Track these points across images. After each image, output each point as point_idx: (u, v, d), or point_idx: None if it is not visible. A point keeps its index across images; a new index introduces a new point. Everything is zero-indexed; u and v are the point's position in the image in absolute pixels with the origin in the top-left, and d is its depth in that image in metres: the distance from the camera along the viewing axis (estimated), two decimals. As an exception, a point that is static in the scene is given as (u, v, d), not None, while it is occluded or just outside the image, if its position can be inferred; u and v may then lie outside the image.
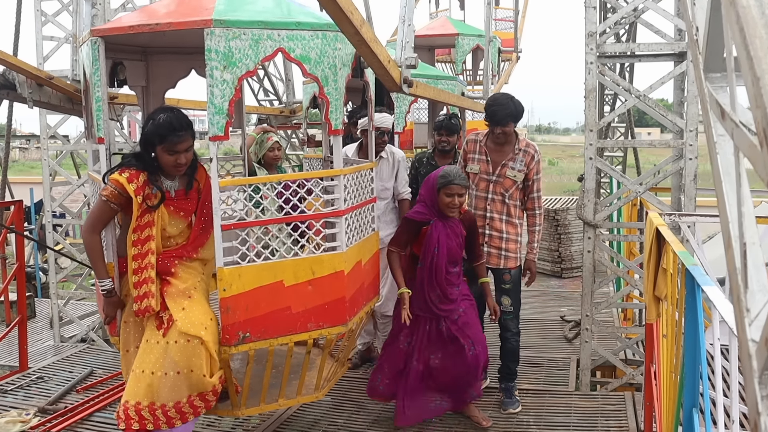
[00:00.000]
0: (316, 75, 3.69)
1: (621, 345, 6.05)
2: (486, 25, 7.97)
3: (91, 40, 3.78)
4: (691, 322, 2.92)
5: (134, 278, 3.58)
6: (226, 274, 3.56)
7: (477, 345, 4.59)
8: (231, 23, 3.43)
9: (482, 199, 4.95)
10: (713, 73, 1.41)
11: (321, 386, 4.20)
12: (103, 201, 3.60)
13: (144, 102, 4.82)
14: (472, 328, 4.64)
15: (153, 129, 3.58)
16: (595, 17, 5.57)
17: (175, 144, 3.56)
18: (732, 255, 1.08)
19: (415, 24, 4.48)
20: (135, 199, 3.52)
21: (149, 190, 3.59)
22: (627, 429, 4.78)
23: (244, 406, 3.93)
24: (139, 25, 3.66)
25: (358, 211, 4.14)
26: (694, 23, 1.46)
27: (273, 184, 3.92)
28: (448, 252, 4.49)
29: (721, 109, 1.19)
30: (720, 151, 1.23)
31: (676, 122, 5.64)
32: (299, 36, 3.62)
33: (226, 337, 3.59)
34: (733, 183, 1.17)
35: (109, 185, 3.59)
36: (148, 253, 3.58)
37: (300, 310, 3.77)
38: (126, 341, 3.75)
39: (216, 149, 3.57)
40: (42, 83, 5.32)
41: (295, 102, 9.67)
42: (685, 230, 4.82)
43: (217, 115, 3.46)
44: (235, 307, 3.58)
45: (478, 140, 5.02)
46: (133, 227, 3.57)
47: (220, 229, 3.57)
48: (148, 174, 3.59)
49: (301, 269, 3.76)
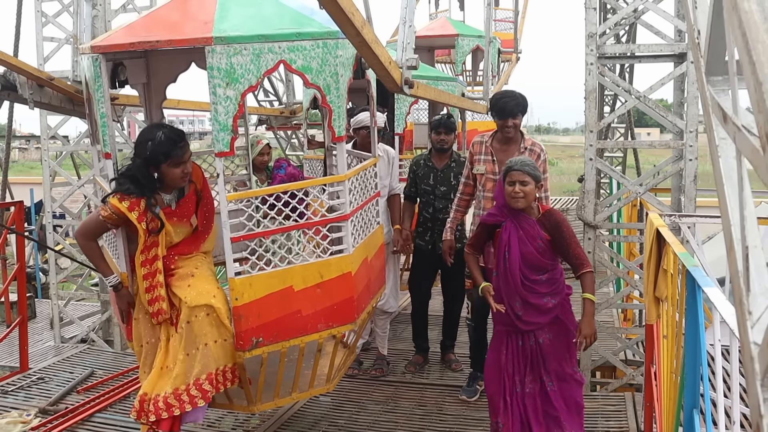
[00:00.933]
0: (318, 84, 3.70)
1: (621, 345, 6.05)
2: (486, 26, 7.96)
3: (92, 57, 3.78)
4: (691, 323, 2.93)
5: (147, 296, 3.72)
6: (237, 284, 3.62)
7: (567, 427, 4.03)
8: (231, 39, 3.44)
9: (489, 200, 4.87)
10: (715, 76, 1.41)
11: (332, 377, 4.28)
12: (101, 221, 3.71)
13: (146, 98, 4.82)
14: (569, 395, 4.08)
15: (157, 149, 3.61)
16: (595, 18, 5.58)
17: (180, 157, 3.65)
18: (734, 258, 1.08)
19: (415, 25, 4.49)
20: (139, 226, 3.63)
21: (150, 215, 3.67)
22: (627, 429, 4.78)
23: (260, 401, 4.02)
24: (139, 42, 3.67)
25: (363, 209, 4.17)
26: (695, 26, 1.46)
27: (280, 194, 3.93)
28: (522, 257, 3.98)
29: (723, 113, 1.19)
30: (722, 154, 1.23)
31: (676, 123, 5.65)
32: (300, 47, 3.62)
33: (240, 343, 3.66)
34: (735, 186, 1.17)
35: (109, 209, 3.65)
36: (157, 272, 3.71)
37: (310, 313, 3.83)
38: (138, 337, 3.88)
39: (222, 165, 3.61)
40: (43, 84, 5.33)
41: (295, 103, 9.67)
42: (686, 231, 4.83)
43: (222, 132, 3.49)
44: (248, 315, 3.65)
45: (484, 141, 4.98)
46: (141, 249, 3.69)
47: (230, 242, 3.62)
48: (147, 199, 3.65)
49: (309, 274, 3.81)
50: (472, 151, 5.06)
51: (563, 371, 4.07)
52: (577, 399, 4.10)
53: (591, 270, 4.02)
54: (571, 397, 4.09)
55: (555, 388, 4.06)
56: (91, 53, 3.78)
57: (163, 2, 4.16)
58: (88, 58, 3.86)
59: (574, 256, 3.99)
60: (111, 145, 3.88)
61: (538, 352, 4.05)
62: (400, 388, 5.65)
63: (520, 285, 3.99)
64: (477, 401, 5.23)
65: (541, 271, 4.02)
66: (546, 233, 4.02)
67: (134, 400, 3.78)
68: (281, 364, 3.91)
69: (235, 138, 3.54)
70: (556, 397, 4.06)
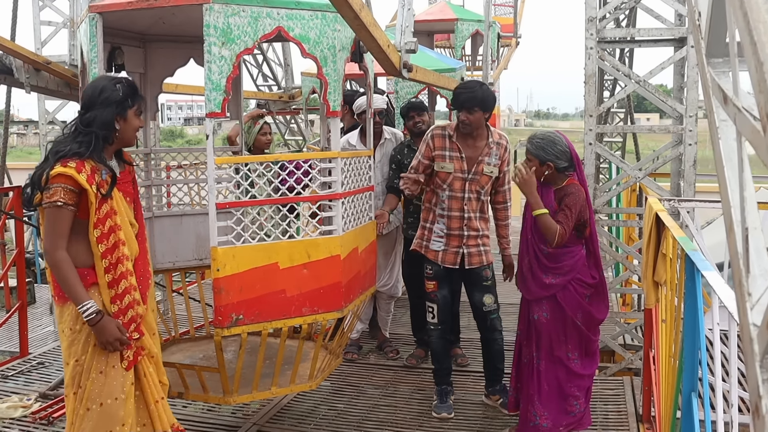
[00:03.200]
0: (314, 55, 3.68)
1: (619, 330, 6.07)
2: (486, 10, 7.94)
3: (89, 16, 3.74)
4: (690, 307, 2.94)
5: (111, 292, 3.08)
6: (219, 254, 3.52)
7: (542, 415, 4.14)
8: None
9: (458, 200, 4.58)
10: (715, 58, 1.41)
11: (315, 375, 4.17)
12: (59, 207, 2.98)
13: (142, 88, 4.80)
14: (552, 378, 4.14)
15: (125, 91, 3.16)
16: (596, 2, 5.56)
17: (141, 104, 3.29)
18: (734, 240, 1.08)
19: (414, 9, 4.46)
20: (90, 189, 3.00)
21: (99, 177, 3.06)
22: (626, 413, 4.80)
23: (236, 393, 3.87)
24: (137, 1, 3.63)
25: (355, 196, 4.13)
26: (696, 8, 1.46)
27: (270, 163, 3.90)
28: (533, 220, 4.12)
29: (724, 94, 1.19)
30: (722, 136, 1.23)
31: (675, 108, 5.63)
32: (298, 15, 3.61)
33: (219, 319, 3.55)
34: (735, 168, 1.17)
35: (57, 186, 2.98)
36: (118, 244, 3.09)
37: (295, 294, 3.74)
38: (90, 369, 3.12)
39: (212, 126, 3.56)
40: (39, 68, 5.30)
41: (293, 87, 9.65)
42: (685, 215, 4.84)
43: (214, 92, 3.45)
44: (229, 288, 3.54)
45: (446, 135, 4.60)
46: (94, 222, 3.04)
47: (215, 208, 3.53)
48: (95, 158, 3.07)
49: (296, 252, 3.73)
50: (432, 145, 4.61)
51: (553, 353, 4.13)
52: (561, 384, 4.13)
53: (555, 224, 3.98)
54: (555, 380, 4.14)
55: (541, 368, 4.14)
56: (89, 13, 3.75)
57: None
58: (85, 20, 3.82)
59: (558, 218, 4.03)
60: None
61: (534, 326, 4.17)
62: (399, 372, 5.67)
63: (531, 249, 4.17)
64: (473, 387, 5.25)
65: (547, 243, 4.08)
66: (555, 203, 4.10)
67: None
68: (261, 349, 3.80)
69: (227, 99, 3.50)
70: (538, 376, 4.15)
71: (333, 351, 4.41)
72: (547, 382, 4.13)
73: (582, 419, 4.21)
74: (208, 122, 3.55)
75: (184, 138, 60.56)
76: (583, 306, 4.08)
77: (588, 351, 4.20)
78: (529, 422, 4.18)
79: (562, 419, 4.15)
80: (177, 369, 3.98)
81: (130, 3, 3.67)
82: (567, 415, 4.15)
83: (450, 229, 4.63)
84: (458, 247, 4.64)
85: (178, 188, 5.08)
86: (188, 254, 4.92)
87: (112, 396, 3.08)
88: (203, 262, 4.92)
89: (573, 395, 4.15)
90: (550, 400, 4.13)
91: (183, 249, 4.90)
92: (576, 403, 4.15)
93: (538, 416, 4.14)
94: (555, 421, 4.14)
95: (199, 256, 4.94)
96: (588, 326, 4.11)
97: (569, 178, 4.15)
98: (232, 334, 3.63)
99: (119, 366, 3.10)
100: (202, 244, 4.88)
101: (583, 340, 4.14)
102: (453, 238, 4.64)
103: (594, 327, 4.17)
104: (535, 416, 4.15)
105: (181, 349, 4.74)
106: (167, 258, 4.85)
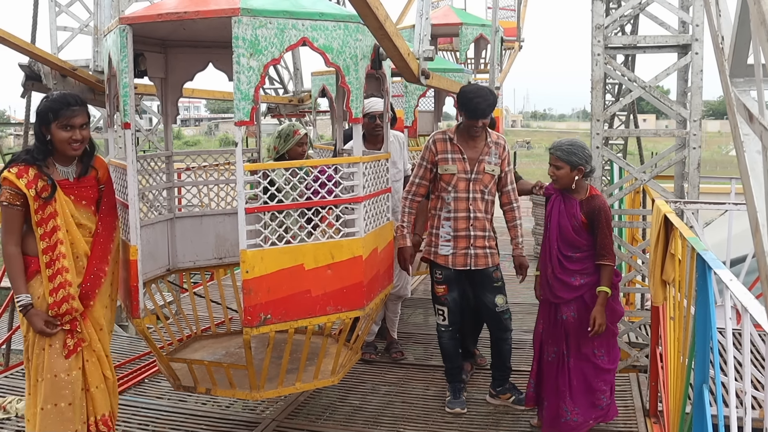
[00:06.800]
0: (338, 64, 3.82)
1: (624, 328, 6.21)
2: (493, 15, 8.12)
3: (120, 27, 3.87)
4: (702, 304, 3.08)
5: (50, 285, 3.49)
6: (249, 256, 3.66)
7: (572, 410, 4.35)
8: (258, 12, 3.56)
9: (463, 200, 4.72)
10: (737, 78, 1.57)
11: (337, 371, 4.32)
12: (5, 206, 3.48)
13: (162, 93, 4.94)
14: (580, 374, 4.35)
15: (47, 105, 3.55)
16: (602, 10, 5.72)
17: (69, 118, 3.55)
18: (760, 239, 1.25)
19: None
20: (28, 193, 3.44)
21: (42, 182, 3.50)
22: (633, 408, 4.96)
23: (263, 388, 4.04)
24: (167, 14, 3.75)
25: (375, 199, 4.28)
26: (719, 33, 1.61)
27: (295, 169, 4.04)
28: (558, 230, 4.32)
29: (749, 113, 1.35)
30: (746, 149, 1.39)
31: (680, 112, 5.79)
32: (323, 26, 3.74)
33: (248, 318, 3.70)
34: (758, 177, 1.33)
35: (5, 188, 3.46)
36: (57, 244, 3.50)
37: (319, 294, 3.89)
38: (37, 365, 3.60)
39: (241, 134, 3.69)
40: (66, 74, 5.44)
41: (303, 91, 9.81)
42: (690, 217, 4.99)
43: (243, 101, 3.58)
44: (257, 289, 3.69)
45: (446, 138, 4.77)
46: (36, 221, 3.49)
47: (244, 212, 3.68)
48: (39, 165, 3.51)
49: (321, 253, 3.88)
50: (435, 150, 4.77)
51: (580, 351, 4.33)
52: (589, 380, 4.32)
53: (611, 264, 4.26)
54: (583, 376, 4.32)
55: (571, 365, 4.33)
56: (119, 24, 3.88)
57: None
58: (115, 31, 3.96)
59: (600, 245, 4.26)
60: (130, 115, 3.93)
61: (563, 326, 4.35)
62: (411, 370, 5.82)
63: (555, 256, 4.33)
64: (485, 384, 5.38)
65: (575, 249, 4.30)
66: (583, 216, 4.29)
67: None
68: (287, 347, 3.96)
69: (255, 108, 3.64)
70: (568, 373, 4.33)
71: (353, 348, 4.56)
72: (576, 378, 4.33)
73: (608, 412, 4.41)
74: (237, 130, 3.68)
75: (182, 139, 60.50)
76: (609, 303, 4.26)
77: (610, 346, 4.39)
78: (561, 418, 4.36)
79: (591, 413, 4.35)
80: (206, 366, 4.13)
81: (159, 15, 3.80)
82: (595, 408, 4.35)
83: (457, 231, 4.75)
84: (466, 248, 4.77)
85: (198, 189, 5.21)
86: (208, 254, 5.06)
87: (58, 371, 3.53)
88: (222, 261, 5.07)
89: (600, 389, 4.34)
90: (579, 395, 4.33)
91: (203, 249, 5.04)
92: (603, 396, 4.35)
93: (569, 411, 4.33)
94: (585, 415, 4.34)
95: (219, 255, 5.08)
96: (612, 321, 4.31)
97: (590, 187, 4.35)
98: (260, 333, 3.78)
99: (57, 346, 3.54)
100: (222, 244, 5.03)
101: (607, 336, 4.33)
102: (460, 240, 4.76)
103: (616, 321, 4.38)
104: (566, 411, 4.34)
105: (204, 346, 4.88)
106: (188, 258, 4.97)
